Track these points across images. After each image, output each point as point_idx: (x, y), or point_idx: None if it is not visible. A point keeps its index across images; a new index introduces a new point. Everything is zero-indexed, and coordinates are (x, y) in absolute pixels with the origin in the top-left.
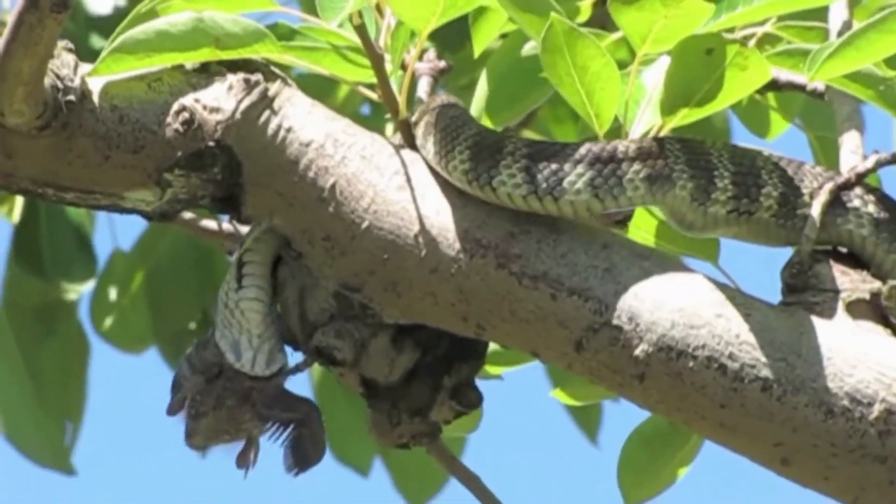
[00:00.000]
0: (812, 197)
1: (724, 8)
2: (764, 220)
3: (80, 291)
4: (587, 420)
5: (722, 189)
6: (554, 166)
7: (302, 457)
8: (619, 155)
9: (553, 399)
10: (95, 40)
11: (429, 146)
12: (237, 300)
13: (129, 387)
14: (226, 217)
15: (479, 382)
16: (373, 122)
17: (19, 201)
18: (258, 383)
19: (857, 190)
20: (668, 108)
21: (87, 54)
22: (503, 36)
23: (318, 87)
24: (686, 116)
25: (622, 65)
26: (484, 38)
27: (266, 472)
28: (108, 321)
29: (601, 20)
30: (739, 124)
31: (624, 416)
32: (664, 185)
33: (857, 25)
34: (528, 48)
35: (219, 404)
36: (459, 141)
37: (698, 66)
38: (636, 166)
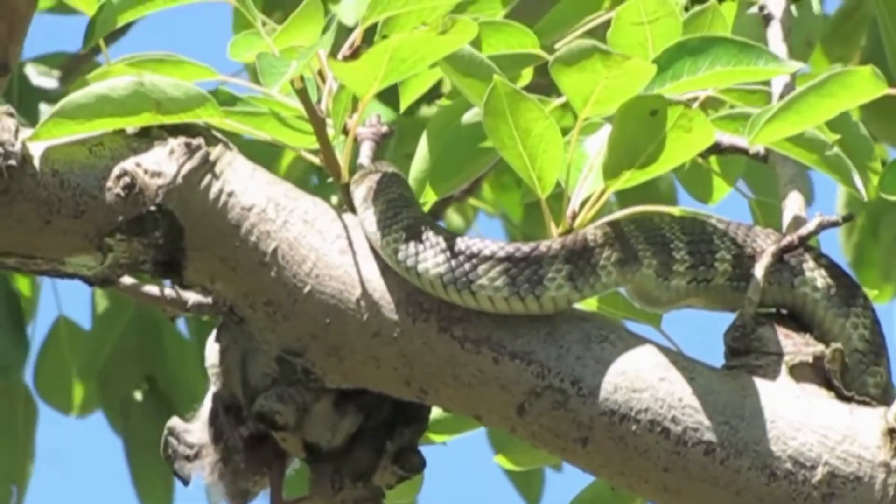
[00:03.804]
0: None
1: (669, 77)
2: (720, 285)
3: (10, 378)
4: (528, 487)
5: (680, 261)
6: (533, 266)
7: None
8: (589, 244)
9: (497, 465)
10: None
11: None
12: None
13: (75, 449)
14: (168, 282)
15: (423, 448)
16: (321, 192)
17: None
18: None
19: (810, 254)
20: (612, 171)
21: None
22: (434, 95)
23: (264, 155)
24: (629, 179)
25: (564, 132)
26: (411, 94)
27: None
28: (53, 386)
29: (542, 90)
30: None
31: (566, 484)
32: (633, 266)
33: (798, 89)
34: (469, 116)
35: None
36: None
37: (642, 127)
38: (606, 252)
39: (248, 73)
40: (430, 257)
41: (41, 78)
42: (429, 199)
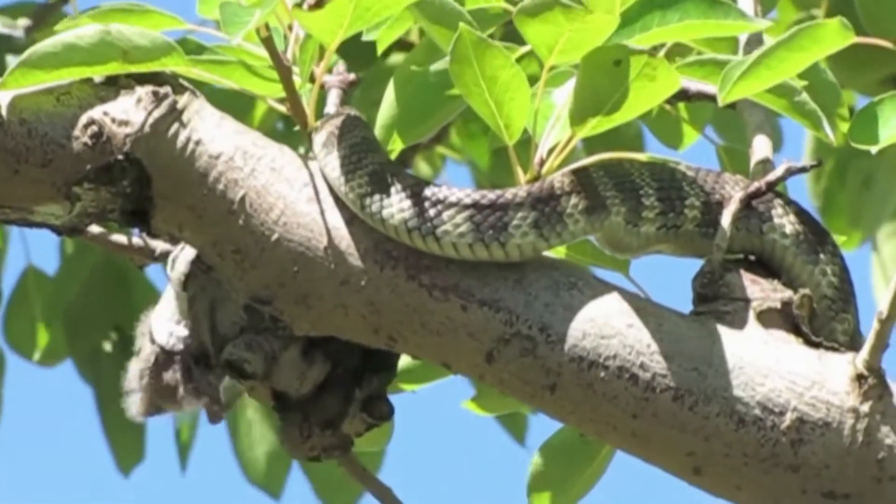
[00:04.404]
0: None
1: (639, 28)
2: (689, 231)
3: None
4: (514, 425)
5: (650, 207)
6: (498, 212)
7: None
8: (556, 191)
9: (466, 412)
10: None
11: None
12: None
13: (45, 401)
14: (136, 231)
15: (393, 396)
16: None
17: None
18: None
19: (779, 200)
20: (578, 117)
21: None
22: (405, 46)
23: (236, 105)
24: (596, 126)
25: (531, 80)
26: (387, 38)
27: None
28: (21, 335)
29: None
30: (651, 135)
31: (545, 428)
32: (601, 214)
33: (767, 40)
34: (437, 63)
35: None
36: (394, 188)
37: (606, 77)
38: (573, 200)
39: (216, 22)
40: (394, 203)
41: (8, 28)
42: (396, 146)
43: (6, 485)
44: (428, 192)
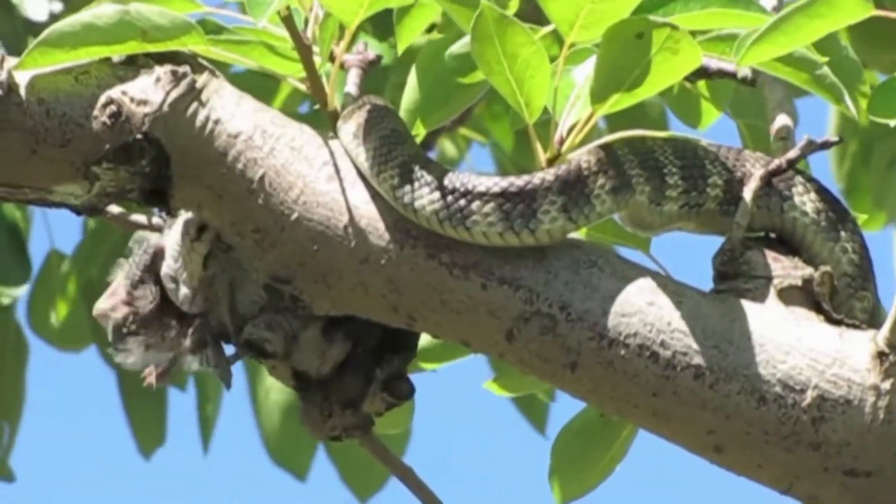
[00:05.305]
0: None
1: (661, 14)
2: (711, 210)
3: (14, 296)
4: (533, 411)
5: (673, 186)
6: (527, 200)
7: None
8: (583, 173)
9: (487, 393)
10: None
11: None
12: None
13: (68, 387)
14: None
15: (417, 376)
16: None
17: None
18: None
19: (799, 178)
20: (599, 95)
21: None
22: (430, 28)
23: (257, 90)
24: (617, 103)
25: (552, 61)
26: (408, 36)
27: (218, 478)
28: (46, 321)
29: (529, 20)
30: (674, 116)
31: (566, 411)
32: (627, 193)
33: (786, 10)
34: (458, 46)
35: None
36: (422, 180)
37: (629, 50)
38: (601, 180)
39: (237, 4)
40: (425, 194)
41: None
42: (419, 130)
43: (30, 467)
44: (457, 182)
